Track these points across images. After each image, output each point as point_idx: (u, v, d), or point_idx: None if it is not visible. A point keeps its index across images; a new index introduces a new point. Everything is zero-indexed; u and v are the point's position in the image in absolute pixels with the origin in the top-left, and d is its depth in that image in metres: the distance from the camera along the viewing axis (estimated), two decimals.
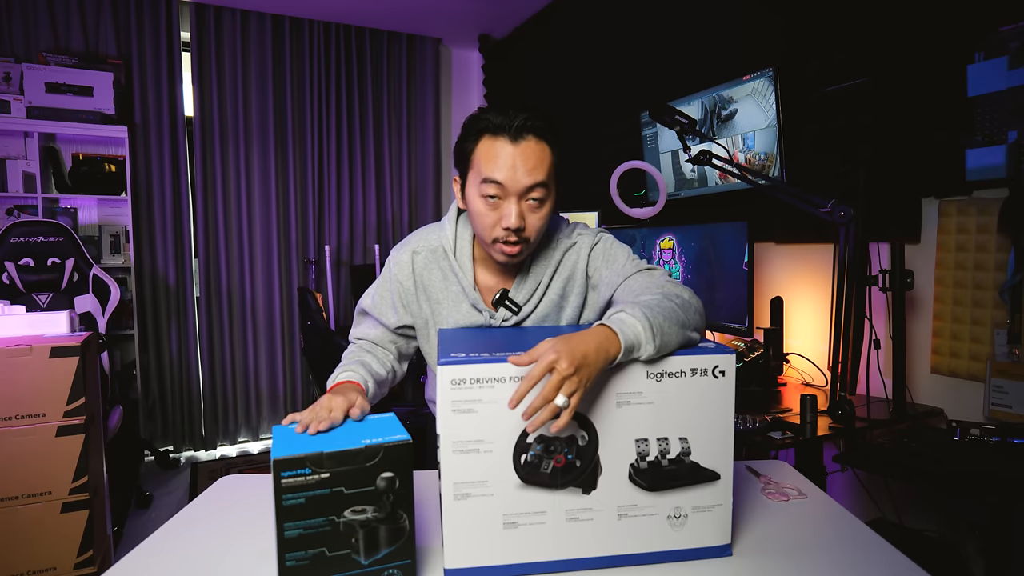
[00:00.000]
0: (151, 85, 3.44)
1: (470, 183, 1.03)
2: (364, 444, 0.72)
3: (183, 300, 3.61)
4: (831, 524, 0.93)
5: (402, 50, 4.08)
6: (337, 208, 3.95)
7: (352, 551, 0.72)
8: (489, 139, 0.99)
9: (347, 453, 0.71)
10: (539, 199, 1.01)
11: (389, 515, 0.73)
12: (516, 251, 1.02)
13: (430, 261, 1.13)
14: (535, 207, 1.01)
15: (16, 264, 2.68)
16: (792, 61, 2.10)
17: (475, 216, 1.03)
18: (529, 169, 0.98)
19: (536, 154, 0.99)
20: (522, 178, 0.98)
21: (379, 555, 0.73)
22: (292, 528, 0.69)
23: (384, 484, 0.72)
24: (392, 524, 0.74)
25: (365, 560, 0.73)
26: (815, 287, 2.12)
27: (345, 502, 0.71)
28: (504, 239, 1.01)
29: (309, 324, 3.03)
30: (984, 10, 1.59)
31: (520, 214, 0.99)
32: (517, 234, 1.00)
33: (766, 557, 0.83)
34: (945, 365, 1.76)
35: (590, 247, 1.14)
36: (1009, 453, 1.38)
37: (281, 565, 0.70)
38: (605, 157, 3.03)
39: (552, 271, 1.12)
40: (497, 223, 1.00)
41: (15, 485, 1.66)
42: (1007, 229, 1.57)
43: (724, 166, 1.60)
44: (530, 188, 0.99)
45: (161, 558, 0.85)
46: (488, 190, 0.99)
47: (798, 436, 1.52)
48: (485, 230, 1.02)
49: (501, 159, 0.98)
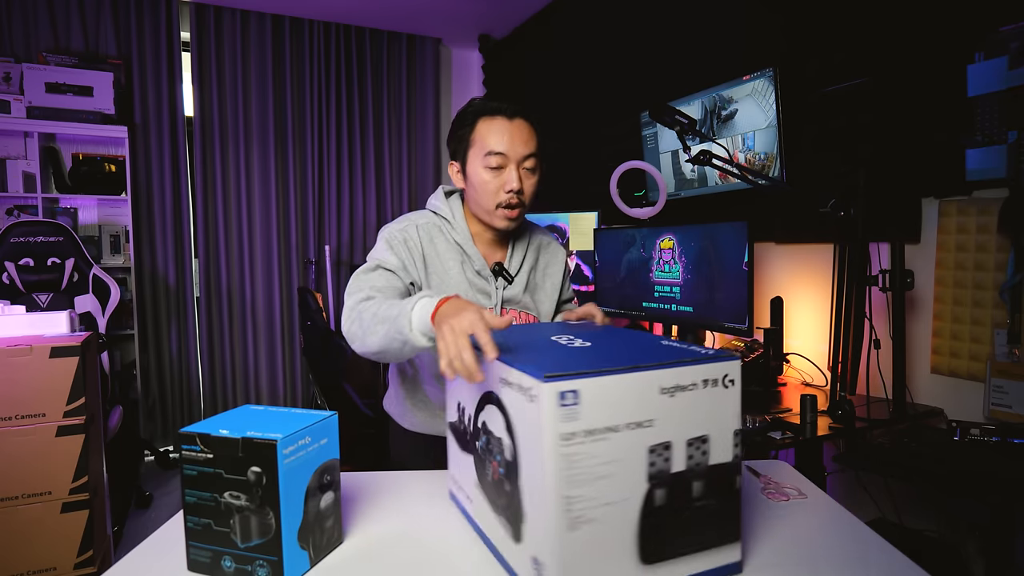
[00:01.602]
0: (151, 85, 3.44)
1: (472, 160, 1.19)
2: (240, 436, 0.77)
3: (183, 300, 3.61)
4: (831, 524, 0.93)
5: (402, 50, 4.08)
6: (337, 208, 3.95)
7: (231, 532, 0.78)
8: (487, 120, 1.17)
9: (224, 440, 0.77)
10: (532, 168, 1.19)
11: (259, 508, 0.76)
12: (515, 214, 1.19)
13: (433, 232, 1.25)
14: (529, 175, 1.19)
15: (16, 264, 2.68)
16: (792, 61, 2.10)
17: (479, 187, 1.19)
18: (524, 140, 1.17)
19: (528, 129, 1.18)
20: (520, 147, 1.16)
21: (252, 543, 0.77)
22: (190, 495, 0.79)
23: (253, 477, 0.76)
24: (261, 517, 0.77)
25: (241, 544, 0.78)
26: (815, 287, 2.12)
27: (224, 485, 0.77)
28: (507, 203, 1.18)
29: (309, 324, 3.03)
30: (984, 10, 1.59)
31: (519, 178, 1.17)
32: (518, 196, 1.17)
33: (766, 557, 0.83)
34: (945, 365, 1.76)
35: (565, 258, 1.41)
36: (1009, 453, 1.38)
37: (185, 525, 0.80)
38: (605, 157, 3.03)
39: (526, 247, 1.33)
40: (500, 188, 1.17)
41: (15, 485, 1.66)
42: (1007, 229, 1.57)
43: (724, 166, 1.60)
44: (526, 157, 1.17)
45: (161, 558, 0.85)
46: (492, 161, 1.16)
47: (798, 436, 1.52)
48: (488, 196, 1.18)
49: (501, 133, 1.16)
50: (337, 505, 0.87)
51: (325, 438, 0.84)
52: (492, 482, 0.79)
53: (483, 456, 0.81)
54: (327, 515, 0.84)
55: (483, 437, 0.81)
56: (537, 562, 0.68)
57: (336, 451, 0.86)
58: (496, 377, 0.76)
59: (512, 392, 0.71)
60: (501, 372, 0.74)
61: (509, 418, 0.73)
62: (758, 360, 1.98)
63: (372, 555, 0.85)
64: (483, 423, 0.81)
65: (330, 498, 0.85)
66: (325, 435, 0.84)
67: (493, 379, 0.77)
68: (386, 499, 1.04)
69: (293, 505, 0.78)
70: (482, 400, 0.81)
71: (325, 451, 0.84)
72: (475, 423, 0.84)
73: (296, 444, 0.78)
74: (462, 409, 0.90)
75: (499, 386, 0.75)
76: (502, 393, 0.74)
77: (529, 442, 0.68)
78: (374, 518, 0.97)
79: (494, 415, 0.77)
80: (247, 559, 0.78)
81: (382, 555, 0.85)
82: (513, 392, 0.71)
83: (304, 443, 0.80)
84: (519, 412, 0.70)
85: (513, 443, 0.72)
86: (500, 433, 0.75)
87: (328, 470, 0.84)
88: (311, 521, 0.81)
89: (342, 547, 0.87)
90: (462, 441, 0.90)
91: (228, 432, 0.77)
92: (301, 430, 0.79)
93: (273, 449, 0.75)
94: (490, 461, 0.79)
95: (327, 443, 0.84)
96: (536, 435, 0.66)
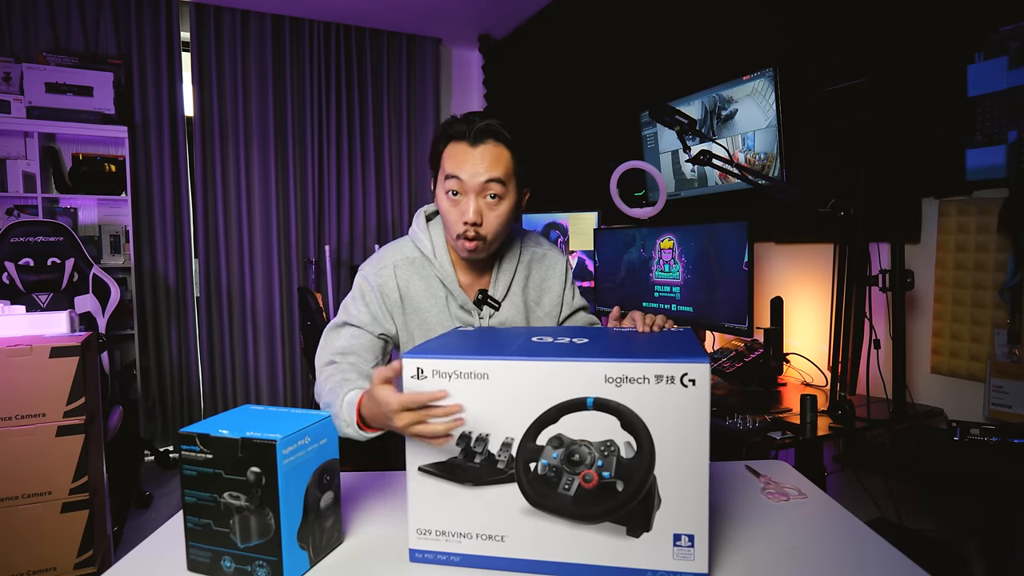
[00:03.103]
0: (151, 85, 3.44)
1: (438, 182, 1.13)
2: (240, 436, 0.76)
3: (183, 300, 3.61)
4: (831, 524, 0.93)
5: (402, 50, 4.08)
6: (337, 208, 3.95)
7: (231, 532, 0.78)
8: (453, 143, 1.09)
9: (223, 440, 0.77)
10: (496, 195, 1.09)
11: (258, 508, 0.76)
12: (473, 247, 1.11)
13: (411, 272, 1.20)
14: (492, 205, 1.10)
15: (16, 264, 2.68)
16: (792, 61, 2.10)
17: (443, 214, 1.13)
18: (487, 166, 1.07)
19: (492, 155, 1.08)
20: (479, 175, 1.07)
21: (251, 544, 0.77)
22: (189, 495, 0.79)
23: (253, 477, 0.76)
24: (261, 518, 0.76)
25: (240, 544, 0.78)
26: (815, 287, 2.12)
27: (224, 485, 0.77)
28: (463, 234, 1.09)
29: (309, 324, 3.04)
30: (984, 10, 1.59)
31: (478, 210, 1.08)
32: (475, 228, 1.09)
33: (766, 557, 0.83)
34: (945, 365, 1.76)
35: (564, 267, 1.30)
36: (1009, 453, 1.38)
37: (185, 525, 0.80)
38: (605, 157, 3.03)
39: (514, 266, 1.23)
40: (459, 219, 1.09)
41: (15, 485, 1.66)
42: (1007, 229, 1.57)
43: (724, 166, 1.60)
44: (486, 183, 1.07)
45: (161, 558, 0.85)
46: (450, 185, 1.09)
47: (798, 436, 1.52)
48: (450, 226, 1.12)
49: (460, 158, 1.08)
50: (337, 505, 0.87)
51: (325, 438, 0.84)
52: (579, 495, 0.76)
53: (550, 475, 0.77)
54: (327, 515, 0.84)
55: (555, 453, 0.76)
56: (682, 537, 0.74)
57: (336, 451, 0.86)
58: (599, 380, 0.75)
59: (638, 387, 0.74)
60: (622, 371, 0.74)
61: (634, 413, 0.74)
62: (758, 360, 1.98)
63: (372, 555, 0.85)
64: (556, 437, 0.77)
65: (330, 498, 0.85)
66: (325, 435, 0.84)
67: (589, 386, 0.75)
68: (386, 499, 1.04)
69: (292, 505, 0.78)
70: (546, 418, 0.77)
71: (325, 451, 0.84)
72: (526, 444, 0.78)
73: (296, 444, 0.78)
74: (479, 437, 0.81)
75: (608, 387, 0.75)
76: (616, 394, 0.74)
77: (673, 425, 0.73)
78: (374, 518, 0.97)
79: (591, 421, 0.75)
80: (247, 559, 0.78)
81: (382, 555, 0.85)
82: (643, 386, 0.74)
83: (304, 443, 0.79)
84: (657, 400, 0.73)
85: (638, 437, 0.74)
86: (602, 436, 0.75)
87: (328, 470, 0.84)
88: (311, 521, 0.81)
89: (342, 547, 0.87)
90: (470, 475, 0.80)
91: (228, 432, 0.77)
92: (300, 430, 0.79)
93: (273, 449, 0.75)
94: (574, 474, 0.76)
95: (327, 443, 0.84)
96: (685, 416, 0.73)
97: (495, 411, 0.78)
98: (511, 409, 0.77)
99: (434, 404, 0.78)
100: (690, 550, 0.75)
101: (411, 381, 0.80)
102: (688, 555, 0.75)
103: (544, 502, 0.77)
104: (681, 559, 0.75)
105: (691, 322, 2.20)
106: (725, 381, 2.00)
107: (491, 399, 0.78)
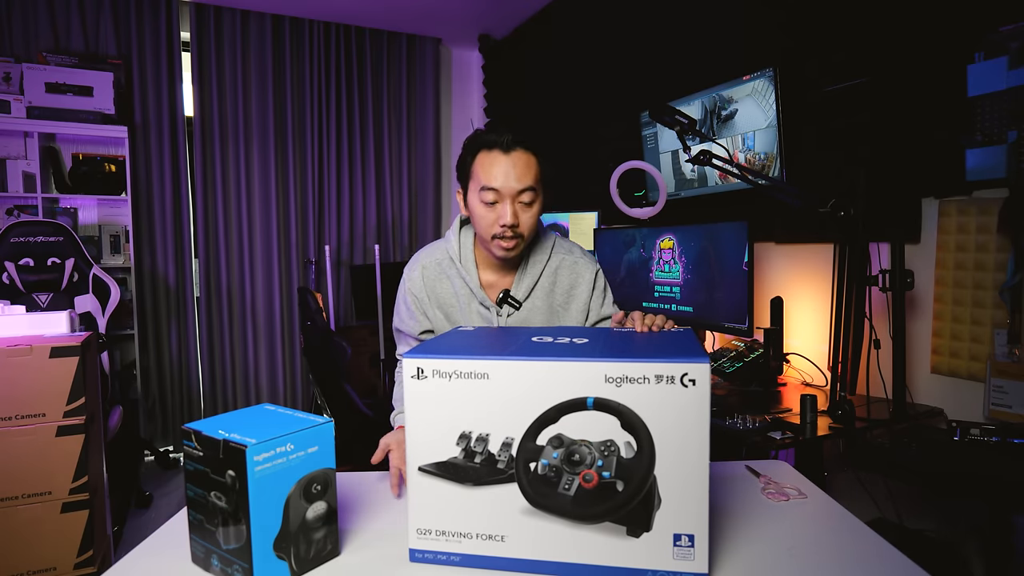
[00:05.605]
0: (151, 85, 3.44)
1: (471, 192, 1.20)
2: (221, 438, 0.75)
3: (183, 300, 3.61)
4: (831, 524, 0.93)
5: (402, 50, 4.08)
6: (337, 208, 3.95)
7: (216, 531, 0.77)
8: (485, 153, 1.17)
9: (209, 440, 0.76)
10: (529, 201, 1.18)
11: (233, 512, 0.74)
12: (512, 245, 1.19)
13: (438, 272, 1.30)
14: (526, 207, 1.18)
15: (16, 264, 2.68)
16: (792, 61, 2.10)
17: (477, 219, 1.20)
18: (519, 175, 1.15)
19: (524, 162, 1.16)
20: (514, 183, 1.15)
21: (231, 547, 0.76)
22: (190, 489, 0.80)
23: (230, 480, 0.74)
24: (235, 523, 0.74)
25: (223, 545, 0.77)
26: (815, 287, 2.12)
27: (211, 484, 0.77)
28: (501, 235, 1.17)
29: (309, 324, 3.03)
30: (984, 10, 1.59)
31: (514, 213, 1.16)
32: (512, 230, 1.17)
33: (766, 557, 0.83)
34: (945, 365, 1.76)
35: (594, 276, 1.32)
36: (1009, 453, 1.38)
37: (188, 518, 0.82)
38: (605, 157, 3.03)
39: (540, 271, 1.28)
40: (495, 222, 1.17)
41: (15, 485, 1.66)
42: (1007, 229, 1.57)
43: (724, 166, 1.60)
44: (521, 191, 1.16)
45: (161, 558, 0.85)
46: (487, 197, 1.16)
47: (798, 436, 1.52)
48: (485, 229, 1.19)
49: (496, 168, 1.15)
50: (331, 516, 0.83)
51: (315, 446, 0.79)
52: (579, 495, 0.76)
53: (550, 475, 0.77)
54: (314, 526, 0.80)
55: (555, 453, 0.76)
56: (682, 537, 0.75)
57: (330, 460, 0.81)
58: (598, 380, 0.74)
59: (638, 387, 0.74)
60: (622, 371, 0.74)
61: (634, 413, 0.74)
62: (758, 360, 1.98)
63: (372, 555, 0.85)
64: (556, 437, 0.76)
65: (320, 508, 0.80)
66: (315, 443, 0.79)
67: (589, 386, 0.75)
68: (386, 499, 1.04)
69: (267, 513, 0.74)
70: (546, 418, 0.77)
71: (314, 460, 0.79)
72: (527, 444, 0.77)
73: (272, 451, 0.74)
74: (479, 437, 0.80)
75: (608, 387, 0.74)
76: (616, 394, 0.74)
77: (673, 425, 0.73)
78: (374, 518, 0.97)
79: (591, 421, 0.75)
80: (228, 561, 0.76)
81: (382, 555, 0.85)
82: (643, 386, 0.74)
83: (284, 451, 0.75)
84: (657, 400, 0.73)
85: (638, 437, 0.74)
86: (602, 436, 0.75)
87: (318, 480, 0.80)
88: (292, 532, 0.77)
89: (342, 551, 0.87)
90: (470, 475, 0.80)
91: (222, 432, 0.76)
92: (280, 437, 0.75)
93: (241, 454, 0.71)
94: (574, 474, 0.76)
95: (317, 451, 0.79)
96: (685, 416, 0.73)
97: (495, 411, 0.78)
98: (511, 409, 0.77)
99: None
100: (690, 550, 0.75)
101: (411, 381, 0.80)
102: (688, 555, 0.75)
103: (544, 502, 0.77)
104: (681, 559, 0.75)
105: (691, 322, 2.20)
106: (725, 381, 2.00)
107: (491, 399, 0.78)
